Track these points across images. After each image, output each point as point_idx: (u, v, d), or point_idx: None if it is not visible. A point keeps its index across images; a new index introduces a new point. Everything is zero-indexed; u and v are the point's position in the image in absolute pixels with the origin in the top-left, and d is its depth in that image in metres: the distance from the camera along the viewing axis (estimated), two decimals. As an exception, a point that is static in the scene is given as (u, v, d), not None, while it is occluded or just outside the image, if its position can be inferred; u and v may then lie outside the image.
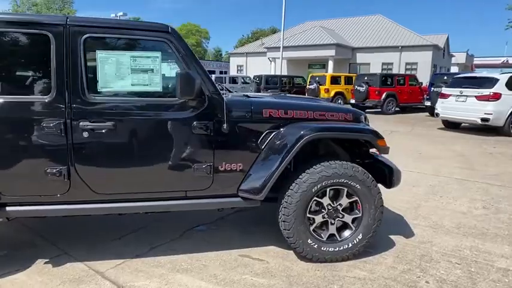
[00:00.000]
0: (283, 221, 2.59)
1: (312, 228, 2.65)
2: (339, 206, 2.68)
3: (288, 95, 4.16)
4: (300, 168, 2.60)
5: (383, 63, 24.87)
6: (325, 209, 2.66)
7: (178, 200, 2.57)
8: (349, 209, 2.73)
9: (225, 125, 2.49)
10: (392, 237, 3.18)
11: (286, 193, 2.57)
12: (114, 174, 2.44)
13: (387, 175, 2.85)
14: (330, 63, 24.17)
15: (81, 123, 2.31)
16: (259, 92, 17.03)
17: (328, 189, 2.62)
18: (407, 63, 24.40)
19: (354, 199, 2.68)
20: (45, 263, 2.66)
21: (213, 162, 2.54)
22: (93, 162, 2.39)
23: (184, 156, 2.51)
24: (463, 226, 3.46)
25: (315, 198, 2.61)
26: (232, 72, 31.84)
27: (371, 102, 14.29)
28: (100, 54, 2.35)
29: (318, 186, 2.56)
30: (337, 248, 2.68)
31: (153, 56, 2.42)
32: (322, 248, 2.66)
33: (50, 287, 2.36)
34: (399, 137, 8.98)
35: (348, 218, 2.72)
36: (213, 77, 16.17)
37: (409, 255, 2.87)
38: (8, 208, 2.36)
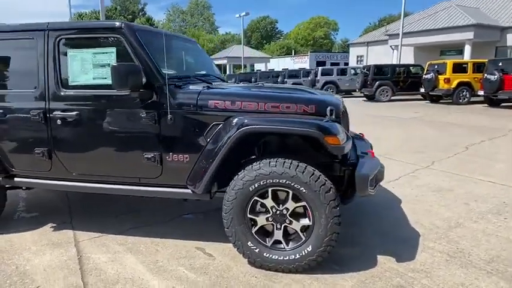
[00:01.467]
0: (223, 219, 2.46)
1: (254, 230, 2.44)
2: (285, 210, 2.38)
3: (266, 84, 3.79)
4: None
5: (547, 45, 19.44)
6: (269, 211, 2.40)
7: (133, 186, 2.73)
8: (300, 215, 2.39)
9: (169, 116, 2.51)
10: (380, 257, 2.63)
11: (226, 189, 2.44)
12: (80, 157, 2.78)
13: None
14: (467, 48, 20.24)
15: (54, 113, 2.71)
16: (366, 83, 15.82)
17: (269, 190, 2.36)
18: None
19: (302, 204, 2.34)
20: (51, 227, 3.23)
21: (161, 152, 2.60)
22: (65, 145, 2.77)
23: (135, 145, 2.64)
24: (500, 261, 2.56)
25: (256, 198, 2.38)
26: (352, 63, 30.22)
27: (506, 94, 11.48)
28: (70, 53, 2.69)
29: (256, 185, 2.33)
30: (282, 257, 2.39)
31: (109, 51, 2.62)
32: (265, 254, 2.41)
33: (35, 245, 2.87)
34: (519, 138, 7.03)
35: (296, 225, 2.39)
36: (316, 69, 15.75)
37: (381, 283, 2.32)
38: (15, 179, 2.98)
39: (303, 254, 2.36)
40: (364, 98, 17.39)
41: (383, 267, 2.49)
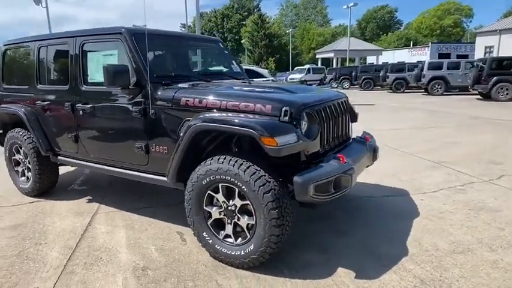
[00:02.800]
0: (185, 207, 2.65)
1: (209, 222, 2.56)
2: (233, 207, 2.44)
3: (253, 82, 3.65)
4: None
5: None
6: (221, 206, 2.50)
7: (129, 171, 3.14)
8: (248, 213, 2.41)
9: (150, 111, 2.82)
10: (341, 270, 2.45)
11: (189, 180, 2.63)
12: (93, 143, 3.33)
13: None
14: None
15: (77, 105, 3.31)
16: (480, 79, 13.53)
17: (220, 185, 2.45)
18: None
19: (247, 202, 2.36)
20: (87, 199, 3.93)
21: (147, 143, 2.92)
22: (85, 132, 3.36)
23: (128, 136, 3.03)
24: (485, 299, 2.11)
25: (210, 192, 2.50)
26: (479, 55, 25.84)
27: None
28: (88, 55, 3.24)
29: (207, 179, 2.45)
30: (230, 252, 2.47)
31: (113, 53, 3.06)
32: (216, 246, 2.53)
33: (66, 212, 3.57)
34: None
35: (243, 222, 2.42)
36: (426, 62, 14.04)
37: (320, 294, 2.19)
38: (59, 157, 3.73)
39: (247, 251, 2.39)
40: (478, 96, 14.93)
41: (334, 280, 2.33)
